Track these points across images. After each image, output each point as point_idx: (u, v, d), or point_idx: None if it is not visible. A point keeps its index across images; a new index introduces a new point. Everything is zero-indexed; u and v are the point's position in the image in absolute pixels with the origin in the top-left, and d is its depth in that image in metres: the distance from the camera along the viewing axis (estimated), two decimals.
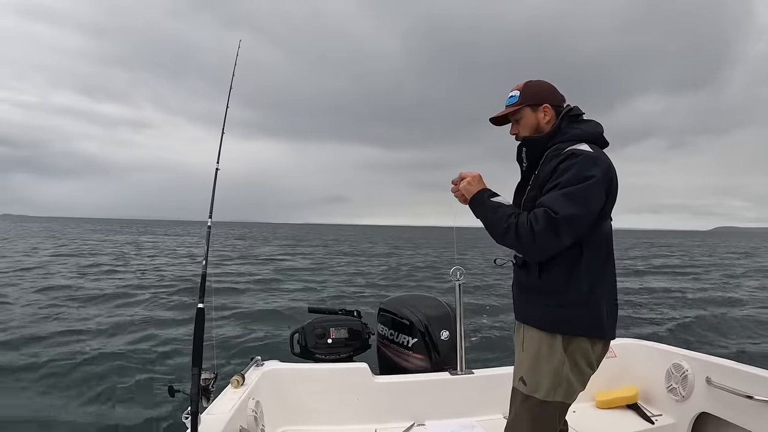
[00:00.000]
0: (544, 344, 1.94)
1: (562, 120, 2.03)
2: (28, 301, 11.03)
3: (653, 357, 3.44)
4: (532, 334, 1.99)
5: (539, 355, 1.94)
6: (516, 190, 2.16)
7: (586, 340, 1.92)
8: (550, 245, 1.82)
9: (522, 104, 2.08)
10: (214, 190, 2.35)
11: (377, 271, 19.74)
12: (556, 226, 1.75)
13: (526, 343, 2.02)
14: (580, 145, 1.92)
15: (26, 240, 38.49)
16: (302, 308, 7.84)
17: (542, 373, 1.93)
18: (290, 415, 3.14)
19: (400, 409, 3.21)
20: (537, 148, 2.05)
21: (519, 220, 1.84)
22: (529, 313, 2.04)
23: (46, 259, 21.78)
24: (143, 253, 27.89)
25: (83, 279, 15.17)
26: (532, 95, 2.08)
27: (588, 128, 2.03)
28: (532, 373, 1.96)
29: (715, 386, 2.90)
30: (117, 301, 11.45)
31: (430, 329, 3.52)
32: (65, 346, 7.32)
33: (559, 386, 1.91)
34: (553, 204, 1.78)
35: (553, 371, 1.91)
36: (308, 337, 3.60)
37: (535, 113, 2.07)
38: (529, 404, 1.96)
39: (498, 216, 1.93)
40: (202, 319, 2.10)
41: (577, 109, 2.07)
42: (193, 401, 2.04)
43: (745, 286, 16.26)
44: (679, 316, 9.90)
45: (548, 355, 1.92)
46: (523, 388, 1.98)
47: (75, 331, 8.37)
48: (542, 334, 1.95)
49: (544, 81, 2.14)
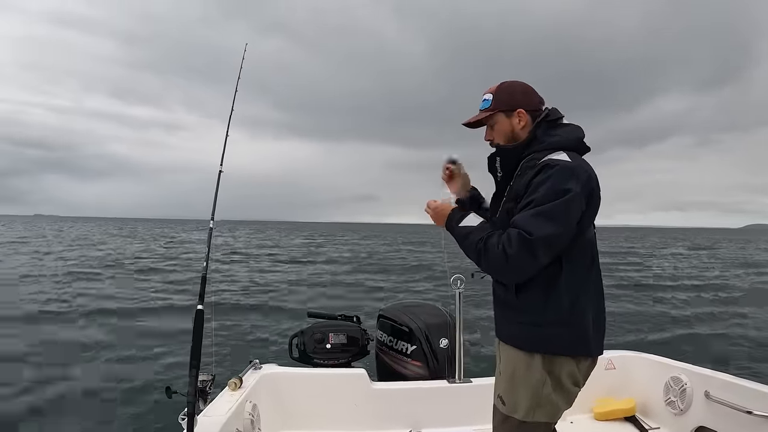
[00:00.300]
0: (521, 363, 1.83)
1: (537, 127, 1.90)
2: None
3: (652, 370, 3.42)
4: (509, 353, 1.89)
5: (515, 375, 1.84)
6: (492, 200, 2.04)
7: (570, 359, 1.80)
8: (526, 268, 1.70)
9: (494, 110, 1.94)
10: (216, 191, 2.36)
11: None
12: (531, 247, 1.64)
13: (504, 361, 1.92)
14: (557, 154, 1.78)
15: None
16: (302, 312, 7.84)
17: (519, 394, 1.82)
18: (287, 419, 3.13)
19: (398, 416, 3.20)
20: (512, 159, 1.91)
21: (488, 245, 1.73)
22: (506, 331, 1.94)
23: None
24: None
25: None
26: (504, 100, 1.93)
27: (566, 134, 1.88)
28: (509, 393, 1.86)
29: (713, 400, 2.88)
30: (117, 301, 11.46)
31: (429, 337, 3.51)
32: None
33: (539, 407, 1.80)
34: (526, 224, 1.66)
35: (532, 391, 1.80)
36: (307, 341, 3.59)
37: (509, 119, 1.93)
38: (508, 425, 1.87)
39: (467, 244, 1.84)
40: (201, 320, 2.10)
41: (555, 113, 1.93)
42: (190, 403, 2.04)
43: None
44: (685, 327, 9.85)
45: (525, 375, 1.81)
46: (502, 408, 1.88)
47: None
48: (519, 353, 1.84)
49: (518, 82, 1.99)
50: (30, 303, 10.69)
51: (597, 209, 1.81)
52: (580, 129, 1.93)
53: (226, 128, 2.55)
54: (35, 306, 10.47)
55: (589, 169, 1.80)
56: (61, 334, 8.19)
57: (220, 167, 2.38)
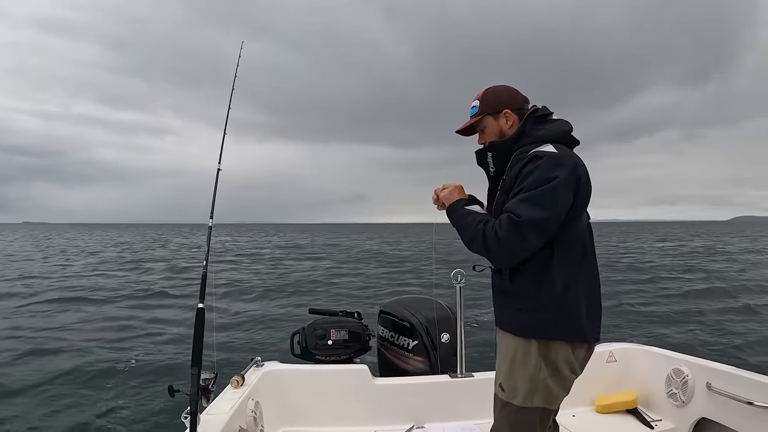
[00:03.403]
0: (519, 350, 1.90)
1: (525, 122, 2.00)
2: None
3: (653, 362, 3.43)
4: (508, 339, 1.96)
5: (515, 361, 1.91)
6: (487, 197, 2.13)
7: (566, 344, 1.87)
8: (516, 250, 1.80)
9: (482, 113, 2.07)
10: (215, 190, 2.36)
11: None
12: (519, 229, 1.74)
13: (503, 348, 1.99)
14: (544, 146, 1.88)
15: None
16: (303, 309, 7.85)
17: (518, 379, 1.89)
18: (290, 416, 3.14)
19: (400, 411, 3.21)
20: (503, 153, 2.02)
21: (486, 228, 1.84)
22: (504, 318, 2.02)
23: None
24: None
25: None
26: (491, 103, 2.06)
27: (554, 128, 1.99)
28: (509, 379, 1.92)
29: (715, 392, 2.89)
30: (121, 300, 11.48)
31: (430, 332, 3.51)
32: (66, 347, 7.34)
33: (537, 392, 1.87)
34: (516, 208, 1.77)
35: (530, 377, 1.87)
36: (308, 338, 3.60)
37: (497, 120, 2.05)
38: (507, 411, 1.93)
39: (467, 222, 1.95)
40: (202, 318, 2.11)
41: (544, 109, 2.04)
42: (193, 401, 2.04)
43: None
44: (684, 317, 9.86)
45: (523, 361, 1.88)
46: (502, 395, 1.95)
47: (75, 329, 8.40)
48: (517, 339, 1.92)
49: (503, 86, 2.12)
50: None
51: (588, 197, 1.90)
52: (567, 123, 2.03)
53: (223, 130, 2.55)
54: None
55: (576, 158, 1.90)
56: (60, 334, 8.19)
57: (219, 165, 2.38)
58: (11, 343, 7.65)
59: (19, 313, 10.19)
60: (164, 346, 7.41)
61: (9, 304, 11.12)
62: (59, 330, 8.57)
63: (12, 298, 12.02)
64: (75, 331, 8.46)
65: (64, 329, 8.65)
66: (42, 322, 9.26)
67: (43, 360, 6.72)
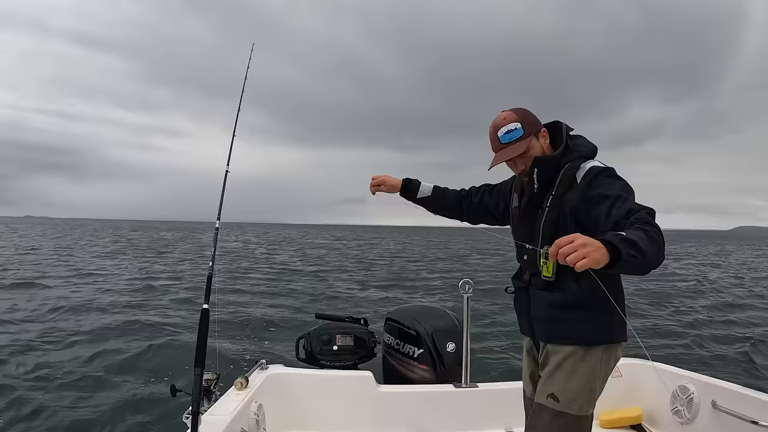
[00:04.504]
0: (582, 359, 1.93)
1: (569, 138, 2.05)
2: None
3: (659, 378, 3.39)
4: (566, 351, 1.95)
5: (575, 371, 1.92)
6: (526, 211, 2.11)
7: (618, 346, 1.98)
8: None
9: (529, 135, 2.02)
10: (223, 191, 2.38)
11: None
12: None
13: (558, 361, 1.97)
14: (593, 162, 1.97)
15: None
16: (310, 313, 7.84)
17: (578, 389, 1.91)
18: (292, 420, 3.14)
19: (403, 420, 3.20)
20: (550, 169, 2.01)
21: (654, 232, 1.58)
22: (560, 332, 1.99)
23: None
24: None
25: None
26: (532, 124, 2.05)
27: (588, 144, 2.06)
28: (564, 389, 1.92)
29: (720, 410, 2.86)
30: (123, 300, 11.55)
31: (436, 341, 3.50)
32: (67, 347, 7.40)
33: (591, 400, 1.93)
34: (639, 207, 1.72)
35: (589, 386, 1.92)
36: (314, 343, 3.60)
37: (539, 140, 2.06)
38: (560, 421, 1.91)
39: (640, 248, 1.51)
40: (206, 319, 2.12)
41: (567, 126, 2.09)
42: (195, 401, 2.05)
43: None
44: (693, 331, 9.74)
45: (584, 370, 1.92)
46: (555, 405, 1.92)
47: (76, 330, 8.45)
48: (579, 348, 1.93)
49: (520, 108, 2.11)
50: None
51: None
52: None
53: (232, 133, 2.57)
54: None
55: None
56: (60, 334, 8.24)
57: (227, 168, 2.40)
58: (4, 338, 7.70)
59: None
60: (168, 346, 7.41)
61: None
62: (59, 330, 8.61)
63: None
64: (75, 330, 8.49)
65: (65, 330, 8.70)
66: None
67: (43, 357, 6.76)
